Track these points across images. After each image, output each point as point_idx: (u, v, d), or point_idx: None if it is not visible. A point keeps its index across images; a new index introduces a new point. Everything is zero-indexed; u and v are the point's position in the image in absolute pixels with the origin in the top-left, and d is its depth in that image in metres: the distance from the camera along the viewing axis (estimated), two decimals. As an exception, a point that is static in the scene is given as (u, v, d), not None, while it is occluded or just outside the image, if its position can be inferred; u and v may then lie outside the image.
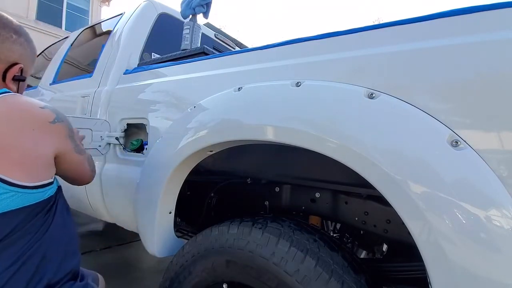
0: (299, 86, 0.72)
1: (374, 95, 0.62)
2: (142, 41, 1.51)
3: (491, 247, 0.47)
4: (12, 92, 0.69)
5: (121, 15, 1.68)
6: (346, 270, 0.69)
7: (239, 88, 0.84)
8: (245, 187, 1.17)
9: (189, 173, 1.00)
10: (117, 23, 1.63)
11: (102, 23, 1.89)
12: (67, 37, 2.12)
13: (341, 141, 0.61)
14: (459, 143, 0.51)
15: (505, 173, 0.49)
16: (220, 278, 0.80)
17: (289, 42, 0.84)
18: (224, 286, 0.81)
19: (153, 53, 1.55)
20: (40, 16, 8.64)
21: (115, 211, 1.31)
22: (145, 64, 1.37)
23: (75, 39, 1.98)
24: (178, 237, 1.11)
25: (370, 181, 0.58)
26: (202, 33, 1.53)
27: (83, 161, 0.80)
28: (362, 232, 1.00)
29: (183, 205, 1.19)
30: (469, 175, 0.50)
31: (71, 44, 1.97)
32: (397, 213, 0.56)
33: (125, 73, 1.38)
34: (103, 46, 1.58)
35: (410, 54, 0.61)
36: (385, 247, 1.06)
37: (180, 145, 0.92)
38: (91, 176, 0.87)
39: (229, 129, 0.80)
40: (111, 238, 2.66)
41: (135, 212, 1.10)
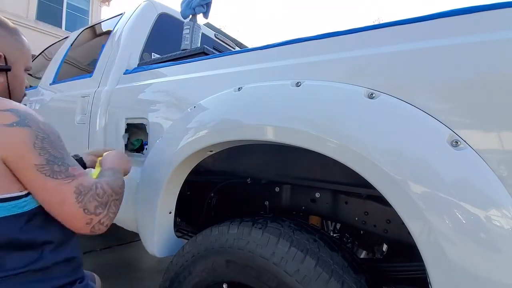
0: (299, 86, 0.72)
1: (374, 95, 0.62)
2: (142, 41, 1.51)
3: (491, 247, 0.47)
4: None
5: (121, 15, 1.68)
6: (346, 270, 0.69)
7: (239, 88, 0.84)
8: (245, 187, 1.17)
9: (189, 173, 1.00)
10: (117, 23, 1.63)
11: (102, 23, 1.89)
12: (67, 37, 2.12)
13: (341, 141, 0.61)
14: (459, 143, 0.51)
15: (505, 173, 0.49)
16: (220, 278, 0.80)
17: (289, 42, 0.84)
18: (224, 286, 0.81)
19: (153, 53, 1.55)
20: (40, 16, 8.64)
21: (115, 211, 1.31)
22: (145, 64, 1.37)
23: (75, 39, 1.98)
24: (178, 237, 1.11)
25: (370, 181, 0.58)
26: (202, 33, 1.53)
27: (56, 186, 0.59)
28: (362, 232, 1.00)
29: (183, 205, 1.19)
30: (469, 175, 0.50)
31: (71, 44, 1.97)
32: (397, 213, 0.56)
33: (125, 73, 1.38)
34: (103, 46, 1.58)
35: (410, 54, 0.61)
36: (385, 247, 1.06)
37: (180, 145, 0.92)
38: (81, 219, 0.61)
39: (229, 129, 0.80)
40: (111, 238, 2.66)
41: (135, 212, 1.10)
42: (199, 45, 1.40)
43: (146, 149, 1.19)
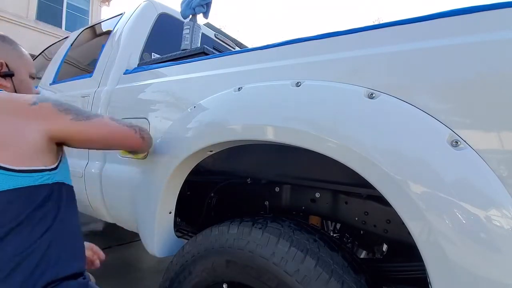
0: (299, 86, 0.72)
1: (374, 95, 0.62)
2: (142, 41, 1.51)
3: (491, 247, 0.47)
4: (3, 90, 0.74)
5: (121, 15, 1.68)
6: (346, 270, 0.69)
7: (239, 88, 0.84)
8: (245, 187, 1.17)
9: (189, 173, 1.00)
10: (117, 23, 1.63)
11: (102, 23, 1.89)
12: (67, 37, 2.12)
13: (341, 141, 0.61)
14: (459, 143, 0.51)
15: (505, 173, 0.49)
16: (220, 278, 0.80)
17: (289, 42, 0.84)
18: (224, 286, 0.81)
19: (153, 53, 1.55)
20: (40, 16, 8.63)
21: (115, 211, 1.31)
22: (145, 64, 1.37)
23: (75, 39, 1.98)
24: (178, 237, 1.11)
25: (370, 181, 0.58)
26: (202, 33, 1.53)
27: (99, 123, 0.76)
28: (362, 232, 1.00)
29: (183, 205, 1.19)
30: (469, 175, 0.50)
31: (71, 44, 1.97)
32: (397, 213, 0.56)
33: (125, 73, 1.38)
34: (103, 46, 1.58)
35: (410, 54, 0.61)
36: (385, 247, 1.06)
37: (180, 145, 0.92)
38: (129, 131, 0.82)
39: (229, 129, 0.80)
40: (111, 238, 2.66)
41: (135, 212, 1.10)
42: (199, 45, 1.40)
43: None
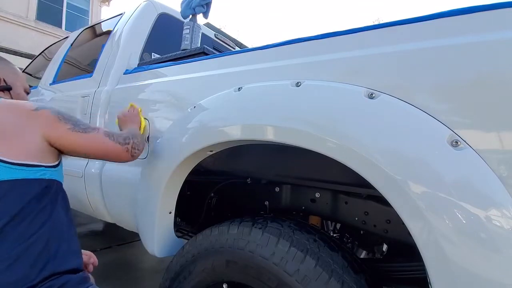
0: (299, 86, 0.72)
1: (374, 95, 0.62)
2: (142, 41, 1.51)
3: (491, 247, 0.47)
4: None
5: (121, 15, 1.68)
6: (346, 270, 0.69)
7: (239, 88, 0.84)
8: (245, 187, 1.17)
9: (189, 173, 1.00)
10: (117, 23, 1.63)
11: (102, 23, 1.89)
12: (67, 37, 2.12)
13: (341, 141, 0.61)
14: (459, 143, 0.51)
15: (505, 173, 0.49)
16: (220, 278, 0.80)
17: (289, 42, 0.84)
18: (224, 286, 0.81)
19: (153, 53, 1.55)
20: (40, 16, 8.62)
21: (115, 211, 1.31)
22: (145, 64, 1.37)
23: (75, 39, 1.98)
24: (178, 237, 1.11)
25: (370, 181, 0.58)
26: (202, 33, 1.53)
27: (93, 137, 0.79)
28: (362, 232, 1.00)
29: (183, 205, 1.19)
30: (469, 175, 0.50)
31: (71, 44, 1.97)
32: (397, 213, 0.56)
33: (125, 73, 1.38)
34: (103, 46, 1.58)
35: (410, 54, 0.61)
36: (385, 247, 1.06)
37: (180, 145, 0.92)
38: (120, 149, 0.84)
39: (229, 129, 0.80)
40: (111, 238, 2.66)
41: (135, 212, 1.10)
42: (199, 45, 1.40)
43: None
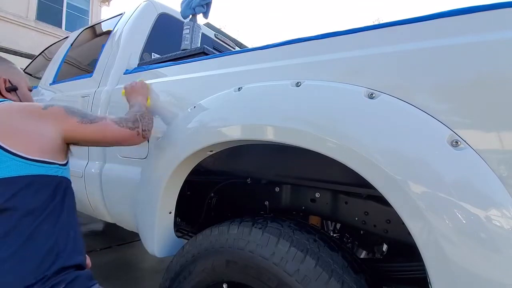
0: (299, 86, 0.72)
1: (374, 95, 0.62)
2: (142, 41, 1.51)
3: (491, 247, 0.47)
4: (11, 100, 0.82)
5: (121, 15, 1.67)
6: (346, 270, 0.69)
7: (239, 88, 0.84)
8: (245, 187, 1.17)
9: (189, 173, 1.00)
10: (117, 23, 1.63)
11: (102, 23, 1.89)
12: (67, 37, 2.12)
13: (341, 141, 0.61)
14: (459, 143, 0.51)
15: (505, 173, 0.49)
16: (220, 278, 0.80)
17: (289, 42, 0.84)
18: (224, 286, 0.81)
19: (153, 53, 1.55)
20: (40, 16, 8.62)
21: (115, 211, 1.31)
22: (145, 64, 1.37)
23: (75, 39, 1.98)
24: (178, 237, 1.11)
25: (370, 181, 0.58)
26: (202, 33, 1.53)
27: (101, 126, 0.81)
28: (362, 232, 1.00)
29: (183, 205, 1.19)
30: (469, 175, 0.50)
31: (71, 44, 1.97)
32: (397, 213, 0.56)
33: (125, 73, 1.38)
34: (103, 46, 1.58)
35: (410, 54, 0.61)
36: (385, 247, 1.06)
37: (180, 145, 0.92)
38: (130, 133, 0.86)
39: (229, 129, 0.80)
40: (111, 238, 2.66)
41: (135, 212, 1.10)
42: (199, 45, 1.40)
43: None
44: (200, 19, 1.50)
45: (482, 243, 0.47)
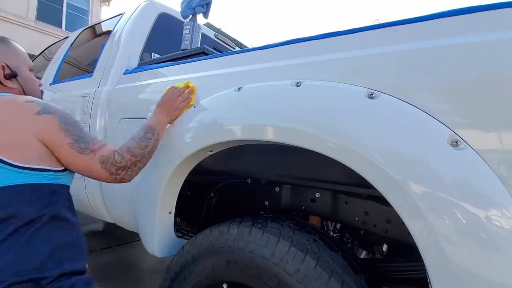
0: (299, 86, 0.72)
1: (374, 95, 0.62)
2: (142, 41, 1.51)
3: (491, 247, 0.47)
4: (8, 93, 0.77)
5: (121, 15, 1.67)
6: (346, 270, 0.69)
7: (239, 88, 0.84)
8: (245, 187, 1.17)
9: (189, 173, 1.00)
10: (117, 23, 1.63)
11: (102, 23, 1.89)
12: (67, 37, 2.12)
13: (341, 141, 0.61)
14: (459, 143, 0.51)
15: (505, 173, 0.49)
16: (220, 278, 0.80)
17: (289, 42, 0.84)
18: (224, 286, 0.81)
19: (153, 53, 1.55)
20: (40, 16, 8.63)
21: (115, 211, 1.31)
22: (145, 64, 1.37)
23: (75, 39, 1.98)
24: (178, 237, 1.11)
25: (370, 181, 0.58)
26: (202, 33, 1.53)
27: (87, 162, 0.75)
28: (362, 232, 1.00)
29: (183, 205, 1.19)
30: (469, 175, 0.50)
31: (71, 44, 1.97)
32: (397, 213, 0.56)
33: (125, 73, 1.38)
34: (103, 46, 1.58)
35: (410, 54, 0.61)
36: (385, 247, 1.06)
37: (180, 145, 0.92)
38: (107, 176, 0.78)
39: (229, 129, 0.80)
40: (111, 238, 2.66)
41: (135, 212, 1.10)
42: (199, 45, 1.40)
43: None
44: (200, 19, 1.50)
45: (482, 243, 0.47)
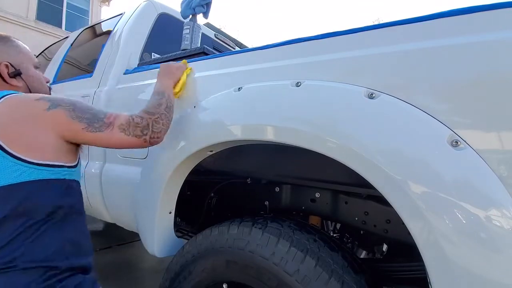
0: (299, 86, 0.72)
1: (374, 95, 0.62)
2: (142, 41, 1.51)
3: (491, 247, 0.47)
4: (16, 92, 0.77)
5: (121, 15, 1.68)
6: (346, 270, 0.69)
7: (239, 88, 0.84)
8: (245, 187, 1.17)
9: (189, 173, 1.00)
10: (117, 23, 1.63)
11: (102, 23, 1.89)
12: (67, 37, 2.12)
13: (341, 141, 0.61)
14: (459, 143, 0.51)
15: (505, 173, 0.49)
16: (220, 278, 0.80)
17: (289, 42, 0.84)
18: (224, 286, 0.81)
19: (153, 53, 1.55)
20: (40, 16, 8.63)
21: (115, 211, 1.31)
22: (145, 64, 1.37)
23: (75, 39, 1.98)
24: (178, 237, 1.11)
25: (370, 181, 0.58)
26: (202, 33, 1.53)
27: (107, 135, 0.75)
28: (362, 232, 1.00)
29: (183, 205, 1.19)
30: (469, 175, 0.50)
31: (71, 44, 1.97)
32: (397, 213, 0.56)
33: (125, 73, 1.38)
34: (103, 46, 1.58)
35: (410, 54, 0.61)
36: (385, 247, 1.06)
37: (180, 145, 0.92)
38: (136, 142, 0.78)
39: (229, 129, 0.80)
40: (111, 238, 2.66)
41: (135, 212, 1.10)
42: (199, 45, 1.40)
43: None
44: (200, 19, 1.50)
45: (482, 243, 0.47)
